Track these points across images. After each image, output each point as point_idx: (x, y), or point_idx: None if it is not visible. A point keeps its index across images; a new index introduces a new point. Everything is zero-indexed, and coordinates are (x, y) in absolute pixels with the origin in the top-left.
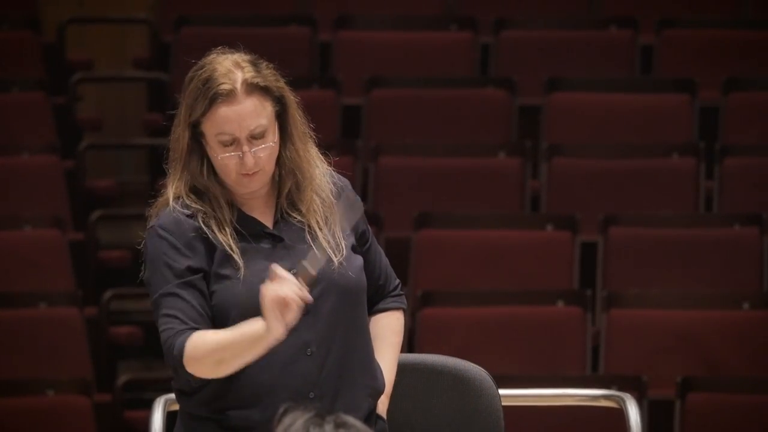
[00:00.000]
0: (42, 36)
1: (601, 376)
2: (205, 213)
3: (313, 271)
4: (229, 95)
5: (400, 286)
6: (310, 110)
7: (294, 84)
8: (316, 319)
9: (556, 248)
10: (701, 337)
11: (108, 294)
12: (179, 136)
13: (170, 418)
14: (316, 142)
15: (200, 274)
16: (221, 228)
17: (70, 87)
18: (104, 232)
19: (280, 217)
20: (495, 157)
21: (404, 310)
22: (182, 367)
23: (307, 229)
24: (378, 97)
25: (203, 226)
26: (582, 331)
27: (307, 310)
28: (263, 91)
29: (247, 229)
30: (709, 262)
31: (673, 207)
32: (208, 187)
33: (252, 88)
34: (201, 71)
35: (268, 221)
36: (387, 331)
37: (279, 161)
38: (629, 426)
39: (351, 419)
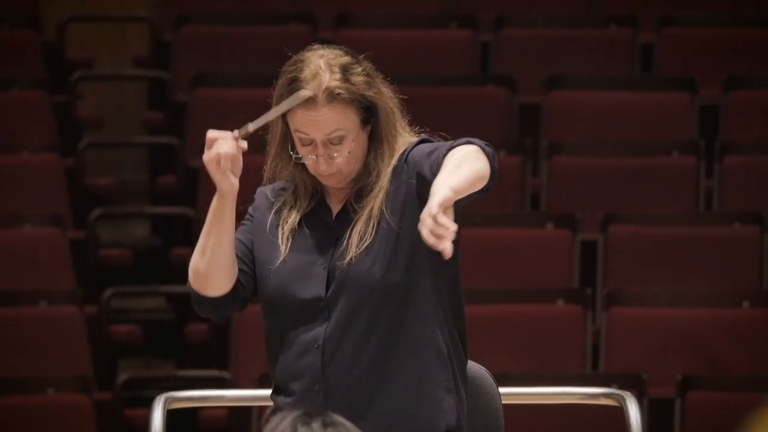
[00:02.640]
0: (42, 34)
1: (602, 374)
2: (284, 200)
3: (250, 128)
4: (309, 101)
5: (463, 139)
6: None
7: None
8: (330, 314)
9: (556, 246)
10: (701, 336)
11: (108, 292)
12: (275, 121)
13: (170, 416)
14: (411, 130)
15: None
16: (287, 217)
17: (70, 85)
18: (104, 230)
19: (344, 209)
20: None
21: (474, 143)
22: (191, 287)
23: (353, 223)
24: None
25: (273, 214)
26: (582, 329)
27: (323, 305)
28: (346, 101)
29: (315, 219)
30: (709, 261)
31: (673, 205)
32: (294, 174)
33: (333, 97)
34: (293, 67)
35: (336, 212)
36: (448, 159)
37: (365, 160)
38: (629, 424)
39: (340, 418)
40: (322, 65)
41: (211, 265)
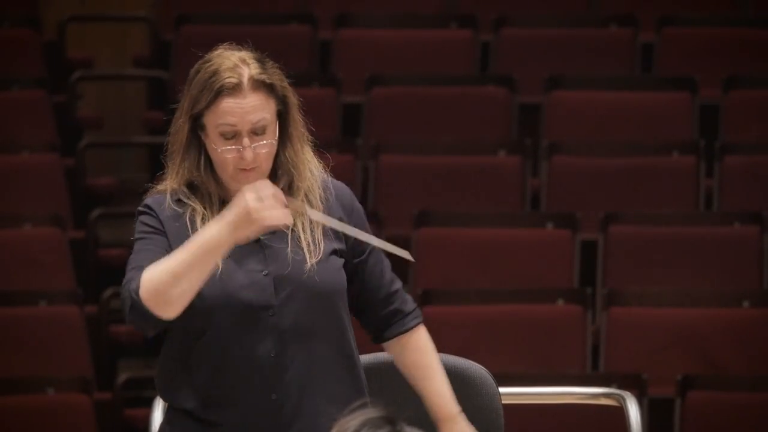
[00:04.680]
0: (42, 34)
1: (602, 374)
2: (194, 209)
3: (303, 210)
4: (235, 89)
5: (406, 296)
6: (310, 108)
7: (294, 82)
8: (281, 322)
9: (556, 246)
10: (701, 336)
11: (108, 292)
12: (179, 128)
13: None
14: (313, 145)
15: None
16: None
17: (70, 85)
18: (104, 230)
19: None
20: (495, 156)
21: (422, 322)
22: (139, 301)
23: (290, 230)
24: (378, 96)
25: (188, 221)
26: (582, 329)
27: (272, 313)
28: (268, 88)
29: None
30: (709, 261)
31: (673, 205)
32: (203, 182)
33: (258, 84)
34: (207, 64)
35: None
36: (423, 354)
37: (276, 160)
38: (629, 424)
39: (415, 429)
40: (237, 59)
41: (184, 295)
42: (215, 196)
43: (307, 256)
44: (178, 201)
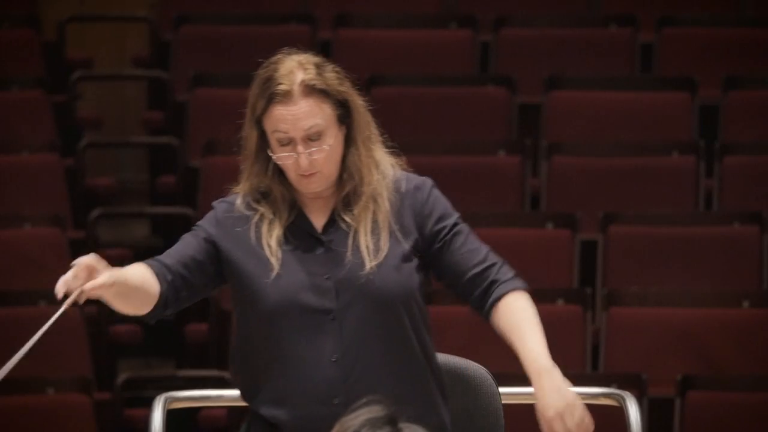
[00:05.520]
0: (42, 34)
1: (601, 374)
2: (262, 214)
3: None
4: (286, 96)
5: (504, 268)
6: None
7: None
8: (342, 326)
9: (555, 246)
10: (701, 336)
11: None
12: (248, 134)
13: (170, 416)
14: (384, 144)
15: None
16: (270, 230)
17: (70, 85)
18: (104, 230)
19: (332, 220)
20: (495, 156)
21: (522, 288)
22: None
23: (352, 233)
24: (378, 96)
25: (253, 226)
26: (582, 329)
27: (333, 317)
28: (322, 93)
29: (298, 231)
30: (709, 261)
31: (672, 205)
32: (270, 187)
33: (309, 89)
34: (264, 70)
35: (321, 223)
36: (514, 313)
37: (343, 164)
38: (629, 424)
39: (416, 428)
40: (294, 65)
41: (125, 310)
42: (284, 200)
43: (366, 261)
44: (249, 205)
